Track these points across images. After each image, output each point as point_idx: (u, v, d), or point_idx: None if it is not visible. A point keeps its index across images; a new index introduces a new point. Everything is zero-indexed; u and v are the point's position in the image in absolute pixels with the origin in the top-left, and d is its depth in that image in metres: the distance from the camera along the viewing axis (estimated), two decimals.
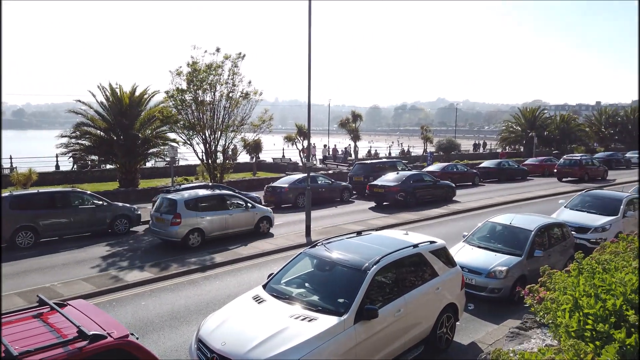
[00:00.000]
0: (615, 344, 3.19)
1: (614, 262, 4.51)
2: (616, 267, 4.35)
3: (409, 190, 21.46)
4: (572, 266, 4.45)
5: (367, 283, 6.38)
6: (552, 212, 15.01)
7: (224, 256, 13.31)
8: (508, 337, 5.05)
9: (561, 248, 10.99)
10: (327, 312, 6.11)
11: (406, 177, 22.12)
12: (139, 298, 10.28)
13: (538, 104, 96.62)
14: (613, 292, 3.67)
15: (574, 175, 31.66)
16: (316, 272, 7.39)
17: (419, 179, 22.46)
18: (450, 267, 8.02)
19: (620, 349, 3.19)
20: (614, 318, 3.47)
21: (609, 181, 31.53)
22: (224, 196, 15.85)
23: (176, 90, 21.06)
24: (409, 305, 6.85)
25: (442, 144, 49.19)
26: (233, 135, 22.78)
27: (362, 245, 7.68)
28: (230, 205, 15.63)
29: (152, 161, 31.33)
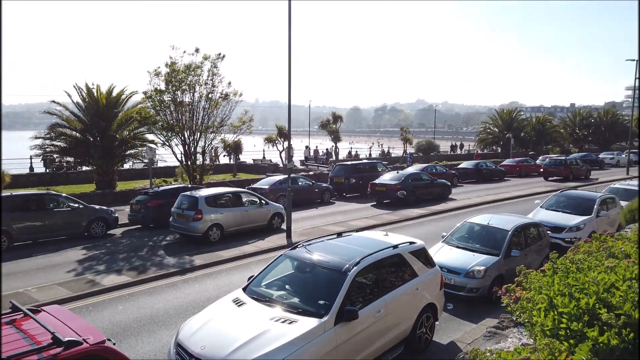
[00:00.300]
0: (588, 342, 3.27)
1: (587, 261, 4.62)
2: (589, 266, 4.46)
3: (409, 188, 22.46)
4: (547, 266, 4.54)
5: (347, 284, 6.40)
6: (528, 212, 15.29)
7: (203, 259, 13.19)
8: (485, 336, 5.14)
9: (537, 247, 11.21)
10: (308, 314, 6.10)
11: (406, 176, 23.25)
12: (117, 302, 10.11)
13: (515, 106, 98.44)
14: (586, 291, 3.76)
15: (560, 174, 32.90)
16: (297, 274, 7.38)
17: (417, 178, 23.51)
18: (430, 268, 8.11)
19: (593, 346, 3.27)
20: (588, 317, 3.55)
21: (591, 180, 32.65)
22: (240, 193, 16.87)
23: (154, 90, 20.80)
24: (389, 306, 6.89)
25: (422, 145, 49.67)
26: (213, 137, 22.61)
27: (342, 246, 7.70)
28: (245, 202, 16.57)
29: (130, 163, 30.87)
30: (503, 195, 24.76)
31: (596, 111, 64.03)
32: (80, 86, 24.85)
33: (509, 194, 25.28)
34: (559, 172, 33.00)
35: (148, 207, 17.37)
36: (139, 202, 17.69)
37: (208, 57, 20.91)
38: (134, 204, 17.86)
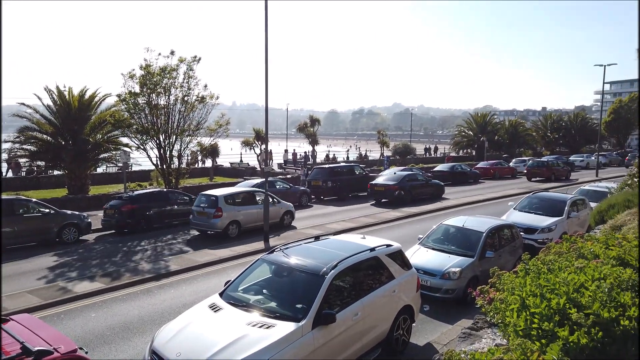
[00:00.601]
0: (559, 342, 3.35)
1: (557, 262, 4.74)
2: (560, 267, 4.57)
3: (406, 188, 23.67)
4: (519, 267, 4.63)
5: (325, 288, 6.40)
6: (502, 213, 15.59)
7: (179, 264, 13.01)
8: (460, 337, 5.21)
9: (511, 249, 11.43)
10: (285, 319, 6.08)
11: (403, 176, 24.45)
12: (89, 310, 9.87)
13: (489, 110, 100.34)
14: (557, 292, 3.85)
15: (542, 175, 34.56)
16: (274, 278, 7.35)
17: (413, 179, 24.76)
18: (406, 270, 8.18)
19: (564, 346, 3.35)
20: (558, 316, 3.64)
21: (571, 181, 33.85)
22: (254, 193, 17.98)
23: (128, 93, 20.48)
24: (367, 309, 6.92)
25: (398, 148, 50.17)
26: (189, 140, 22.37)
27: (320, 250, 7.70)
28: (259, 200, 17.40)
29: (104, 167, 30.28)
30: (476, 198, 25.19)
31: (566, 115, 65.78)
32: (51, 89, 24.23)
33: (482, 196, 25.71)
34: (541, 173, 34.60)
35: (122, 212, 17.06)
36: (112, 207, 17.35)
37: (184, 59, 20.71)
38: (107, 208, 17.51)
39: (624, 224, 9.10)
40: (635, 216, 9.16)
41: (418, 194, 24.21)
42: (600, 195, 17.12)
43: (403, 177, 24.16)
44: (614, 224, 9.46)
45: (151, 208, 17.68)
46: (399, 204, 22.59)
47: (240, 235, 16.35)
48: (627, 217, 9.34)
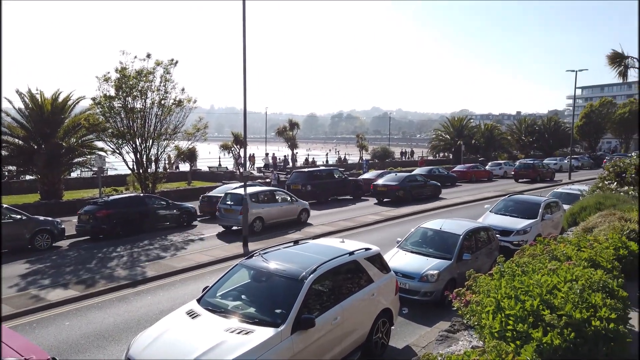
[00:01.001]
0: (533, 343, 3.42)
1: (531, 264, 4.83)
2: (533, 269, 4.67)
3: (407, 188, 25.34)
4: (494, 269, 4.71)
5: (304, 292, 6.39)
6: (479, 216, 15.82)
7: (156, 270, 12.81)
8: (438, 340, 5.26)
9: (487, 251, 11.61)
10: (264, 324, 6.04)
11: (403, 178, 26.21)
12: (63, 318, 9.63)
13: (465, 114, 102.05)
14: (531, 294, 3.93)
15: (529, 176, 36.14)
16: (253, 283, 7.30)
17: (413, 180, 26.57)
18: (385, 273, 8.22)
19: (537, 347, 3.42)
20: (532, 318, 3.71)
21: (556, 182, 35.28)
22: (274, 192, 19.50)
23: (103, 96, 20.14)
24: (346, 313, 6.93)
25: (377, 152, 50.51)
26: (166, 144, 22.09)
27: (299, 254, 7.68)
28: (279, 199, 19.06)
29: (78, 171, 29.64)
30: (455, 200, 25.54)
31: (540, 119, 67.25)
32: (22, 92, 23.64)
33: (460, 199, 26.07)
34: (528, 175, 36.22)
35: (97, 218, 16.72)
36: (87, 212, 17.00)
37: (160, 62, 20.47)
38: (82, 214, 17.14)
39: (595, 225, 9.35)
40: (605, 218, 9.43)
41: (417, 193, 25.89)
42: (572, 198, 17.53)
43: (404, 178, 25.95)
44: (585, 226, 9.71)
45: (127, 213, 17.39)
46: (401, 204, 24.22)
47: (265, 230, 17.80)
48: (598, 219, 9.60)
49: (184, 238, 17.07)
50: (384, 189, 25.45)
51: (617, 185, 14.78)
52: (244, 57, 15.46)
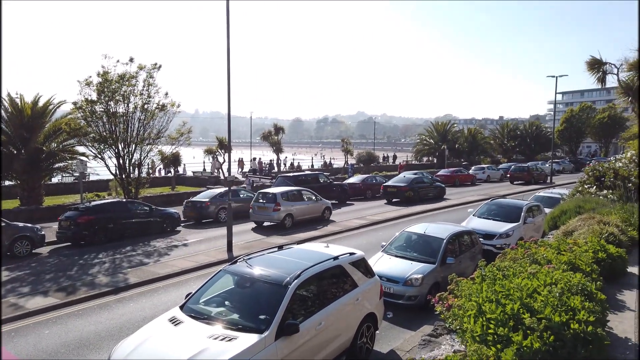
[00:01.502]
0: (513, 347, 3.45)
1: (512, 268, 4.89)
2: (514, 273, 4.72)
3: (415, 189, 27.20)
4: (476, 273, 4.76)
5: (288, 298, 6.36)
6: (463, 220, 15.96)
7: (138, 276, 12.64)
8: (420, 344, 5.28)
9: (471, 254, 11.70)
10: (248, 330, 6.00)
11: (412, 179, 28.08)
12: (42, 326, 9.44)
13: (449, 118, 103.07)
14: (511, 297, 3.98)
15: (523, 179, 37.96)
16: (237, 289, 7.24)
17: (420, 181, 28.43)
18: (369, 277, 8.23)
19: (517, 351, 3.45)
20: (513, 322, 3.75)
21: (549, 183, 36.82)
22: (302, 191, 21.13)
23: (85, 101, 19.87)
24: (330, 318, 6.92)
25: (362, 156, 50.67)
26: (149, 149, 21.87)
27: (283, 259, 7.65)
28: (306, 197, 20.88)
29: (59, 177, 29.16)
30: (441, 204, 25.78)
31: (522, 124, 68.20)
32: (2, 96, 23.20)
33: (446, 203, 26.29)
34: (523, 177, 38.05)
35: (78, 224, 16.45)
36: (68, 219, 16.72)
37: (143, 67, 20.29)
38: (62, 220, 16.85)
39: (575, 229, 9.50)
40: (585, 221, 9.59)
41: (424, 194, 27.83)
42: (554, 202, 17.79)
43: (412, 180, 27.94)
44: (565, 230, 9.86)
45: (110, 219, 17.15)
46: (409, 203, 25.96)
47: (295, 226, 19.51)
48: (578, 223, 9.77)
49: (168, 244, 16.88)
50: (394, 189, 27.30)
51: (596, 189, 15.05)
52: (228, 61, 15.42)
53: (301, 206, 20.35)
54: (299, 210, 20.14)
